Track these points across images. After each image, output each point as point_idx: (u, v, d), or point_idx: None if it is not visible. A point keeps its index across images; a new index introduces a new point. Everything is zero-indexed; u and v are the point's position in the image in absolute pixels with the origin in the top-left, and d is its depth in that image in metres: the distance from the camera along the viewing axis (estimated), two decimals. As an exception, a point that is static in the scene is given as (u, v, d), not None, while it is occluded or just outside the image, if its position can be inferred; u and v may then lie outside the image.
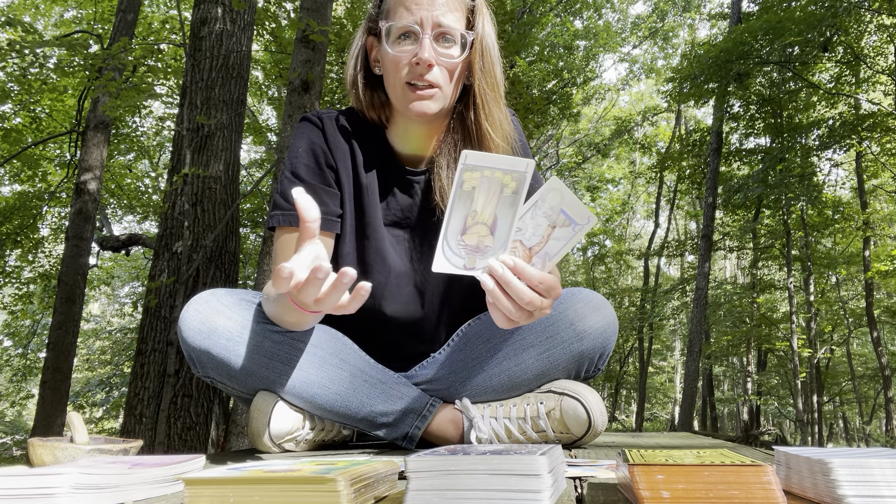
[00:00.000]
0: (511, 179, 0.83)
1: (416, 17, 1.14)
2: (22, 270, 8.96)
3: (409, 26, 1.15)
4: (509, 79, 6.02)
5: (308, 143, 1.28)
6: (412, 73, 1.16)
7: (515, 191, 0.83)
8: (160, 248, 4.14)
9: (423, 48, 1.14)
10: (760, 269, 12.64)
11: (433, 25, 1.15)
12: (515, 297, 0.88)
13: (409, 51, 1.16)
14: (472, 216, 0.85)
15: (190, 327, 1.18)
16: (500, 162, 0.83)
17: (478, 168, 0.83)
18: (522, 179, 0.83)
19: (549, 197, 0.87)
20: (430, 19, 1.14)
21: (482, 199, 0.84)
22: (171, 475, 0.76)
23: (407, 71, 1.16)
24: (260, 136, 9.85)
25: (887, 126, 9.10)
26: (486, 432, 1.22)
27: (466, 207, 0.85)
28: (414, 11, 1.15)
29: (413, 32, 1.16)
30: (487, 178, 0.83)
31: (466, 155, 0.82)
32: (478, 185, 0.83)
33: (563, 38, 12.66)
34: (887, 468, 0.57)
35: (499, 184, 0.83)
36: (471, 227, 0.85)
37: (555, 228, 0.88)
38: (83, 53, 4.73)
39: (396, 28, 1.16)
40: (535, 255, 0.88)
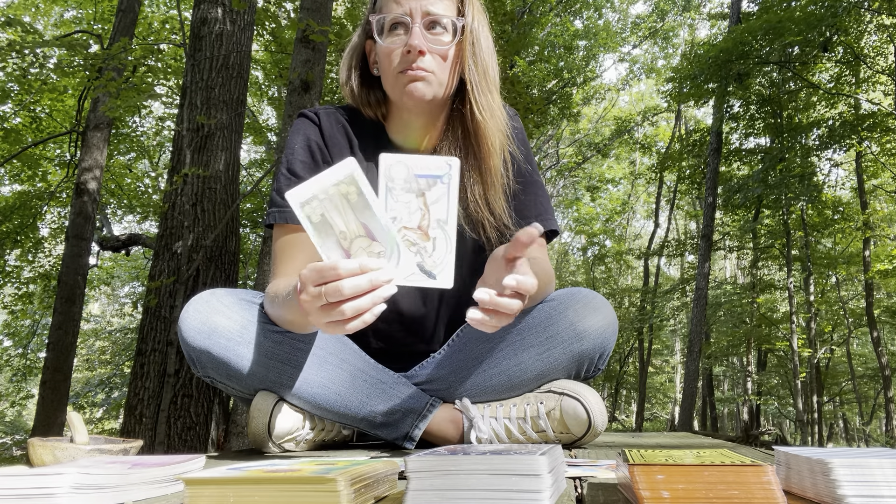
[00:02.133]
0: (346, 185, 0.80)
1: (405, 7, 1.16)
2: (22, 270, 8.96)
3: (399, 17, 1.17)
4: (509, 79, 6.01)
5: (304, 139, 1.28)
6: (404, 62, 1.17)
7: (358, 192, 0.80)
8: (160, 248, 4.14)
9: (412, 36, 1.15)
10: (760, 269, 12.64)
11: (422, 14, 1.16)
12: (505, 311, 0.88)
13: (401, 41, 1.17)
14: (342, 238, 0.82)
15: (190, 327, 1.18)
16: (325, 179, 0.80)
17: (311, 198, 0.80)
18: (354, 178, 0.80)
19: (394, 174, 0.84)
20: (419, 8, 1.16)
21: (339, 219, 0.81)
22: (171, 475, 0.76)
23: (399, 60, 1.17)
24: (260, 136, 9.85)
25: (887, 126, 9.10)
26: (486, 432, 1.22)
27: (332, 236, 0.82)
28: (403, 3, 1.16)
29: (403, 23, 1.17)
30: (325, 199, 0.80)
31: (293, 194, 0.80)
32: (323, 210, 0.81)
33: (563, 38, 12.66)
34: (887, 468, 0.57)
35: (339, 197, 0.80)
36: (349, 247, 0.83)
37: (425, 194, 0.84)
38: (83, 53, 4.73)
39: (387, 20, 1.18)
40: (429, 227, 0.85)
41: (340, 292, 0.80)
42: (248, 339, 1.19)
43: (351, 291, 0.80)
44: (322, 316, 0.83)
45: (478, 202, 1.25)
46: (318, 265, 0.82)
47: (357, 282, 0.80)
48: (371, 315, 0.83)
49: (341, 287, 0.80)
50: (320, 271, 0.81)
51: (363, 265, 0.80)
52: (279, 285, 1.10)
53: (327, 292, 0.81)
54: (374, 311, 0.83)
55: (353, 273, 0.80)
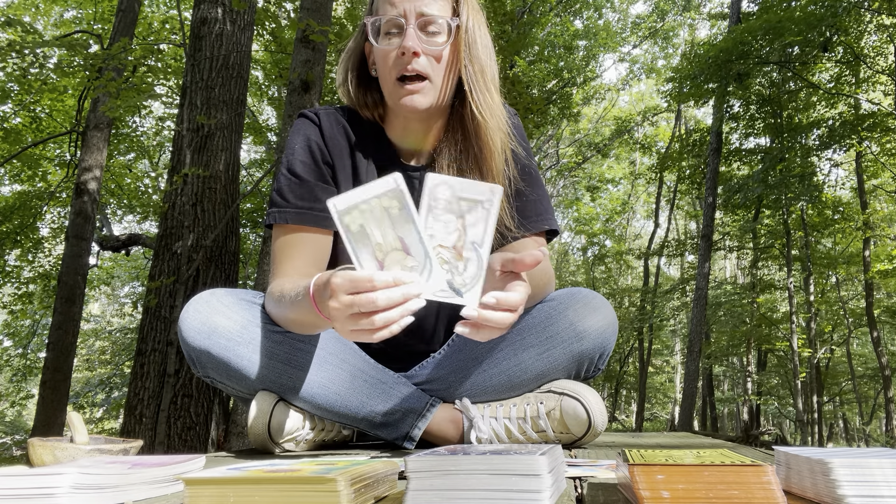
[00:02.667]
0: (389, 199, 0.80)
1: (399, 9, 1.16)
2: (22, 270, 8.96)
3: (394, 19, 1.17)
4: (509, 79, 6.01)
5: (304, 140, 1.28)
6: (400, 65, 1.17)
7: (401, 206, 0.81)
8: (160, 248, 4.14)
9: (406, 37, 1.15)
10: (760, 269, 12.64)
11: (417, 15, 1.16)
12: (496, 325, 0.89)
13: (396, 43, 1.17)
14: (378, 249, 0.83)
15: (190, 327, 1.18)
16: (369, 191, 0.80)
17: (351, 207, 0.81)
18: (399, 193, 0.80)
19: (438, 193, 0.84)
20: (412, 10, 1.16)
21: (377, 231, 0.82)
22: (171, 475, 0.76)
23: (395, 63, 1.17)
24: (260, 136, 9.86)
25: (887, 126, 9.10)
26: (486, 432, 1.22)
27: (368, 246, 0.82)
28: (397, 5, 1.16)
29: (398, 25, 1.17)
30: (367, 210, 0.81)
31: (334, 203, 0.80)
32: (363, 221, 0.81)
33: (563, 38, 12.66)
34: (887, 468, 0.57)
35: (380, 209, 0.81)
36: (384, 259, 0.83)
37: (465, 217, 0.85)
38: (83, 53, 4.73)
39: (383, 23, 1.18)
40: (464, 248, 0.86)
41: (374, 303, 0.80)
42: (248, 339, 1.19)
43: (385, 303, 0.81)
44: (350, 324, 0.84)
45: None
46: (352, 274, 0.82)
47: (391, 294, 0.81)
48: (398, 326, 0.84)
49: (375, 298, 0.80)
50: (354, 281, 0.81)
51: (397, 278, 0.81)
52: (284, 286, 1.10)
53: (360, 302, 0.81)
54: (401, 323, 0.84)
55: (388, 285, 0.81)
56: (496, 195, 0.84)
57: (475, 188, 0.84)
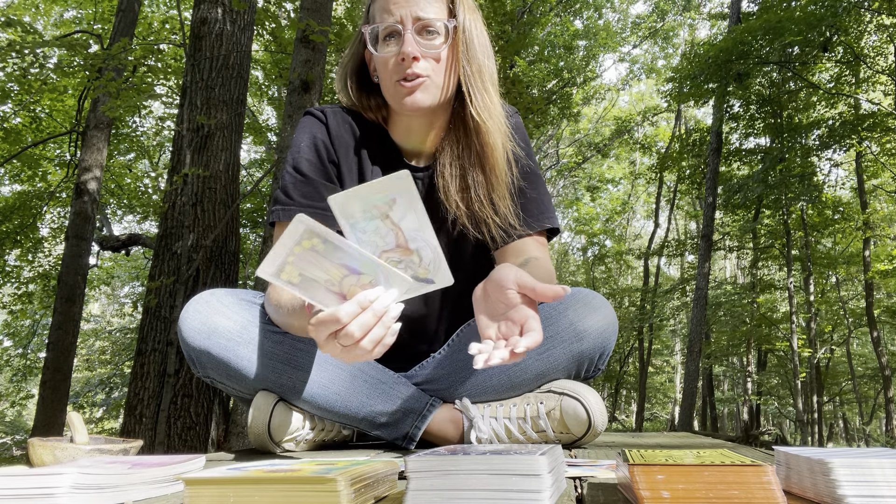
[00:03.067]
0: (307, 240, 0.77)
1: (396, 16, 1.17)
2: (21, 270, 8.97)
3: (391, 26, 1.17)
4: (510, 79, 6.01)
5: (310, 138, 1.28)
6: (401, 70, 1.17)
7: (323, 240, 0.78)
8: (160, 248, 4.14)
9: (405, 43, 1.15)
10: (760, 269, 12.64)
11: (413, 20, 1.16)
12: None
13: (395, 49, 1.18)
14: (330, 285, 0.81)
15: (190, 327, 1.18)
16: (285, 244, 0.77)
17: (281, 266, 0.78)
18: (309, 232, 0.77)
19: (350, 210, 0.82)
20: (409, 15, 1.16)
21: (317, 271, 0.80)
22: (171, 475, 0.76)
23: (395, 68, 1.18)
24: (260, 136, 9.86)
25: (887, 126, 9.10)
26: (486, 432, 1.22)
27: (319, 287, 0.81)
28: (394, 11, 1.17)
29: (396, 31, 1.17)
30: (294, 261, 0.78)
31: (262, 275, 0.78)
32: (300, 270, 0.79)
33: (563, 38, 12.66)
34: (887, 468, 0.57)
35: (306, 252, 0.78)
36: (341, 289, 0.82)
37: (390, 216, 0.83)
38: (83, 53, 4.73)
39: (380, 30, 1.19)
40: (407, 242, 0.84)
41: (352, 336, 0.81)
42: (248, 339, 1.19)
43: (361, 331, 0.81)
44: (346, 355, 0.85)
45: (482, 201, 1.25)
46: (320, 318, 0.82)
47: (363, 319, 0.81)
48: (391, 337, 0.85)
49: (351, 332, 0.81)
50: (324, 324, 0.82)
51: (361, 302, 0.81)
52: (281, 295, 1.10)
53: (340, 340, 0.82)
54: (392, 332, 0.85)
55: (355, 314, 0.81)
56: (404, 181, 0.81)
57: (381, 186, 0.82)
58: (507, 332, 0.92)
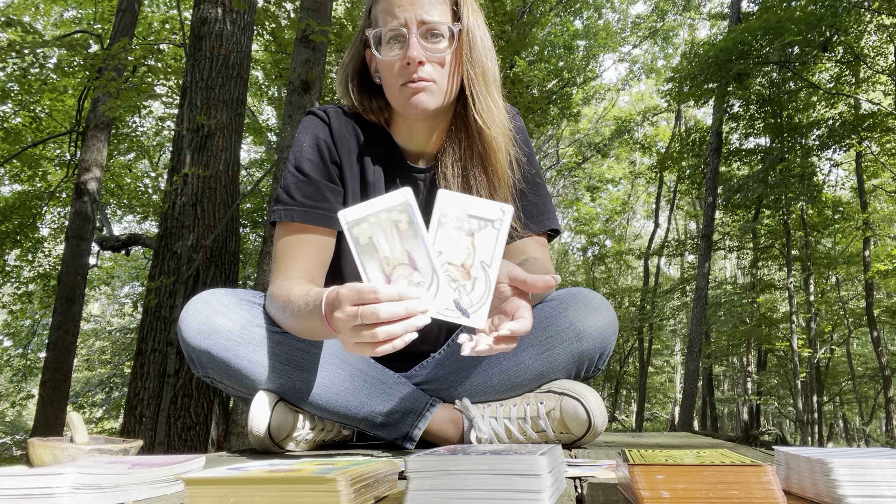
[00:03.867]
0: (399, 213, 0.81)
1: (400, 19, 1.16)
2: (21, 270, 8.97)
3: (395, 29, 1.16)
4: (510, 79, 6.01)
5: (313, 138, 1.28)
6: (405, 74, 1.17)
7: (409, 221, 0.81)
8: (160, 248, 4.14)
9: (410, 47, 1.15)
10: (760, 269, 12.63)
11: (418, 24, 1.16)
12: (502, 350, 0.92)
13: (399, 53, 1.17)
14: (386, 263, 0.83)
15: (190, 327, 1.18)
16: (379, 203, 0.81)
17: (361, 220, 0.81)
18: (408, 207, 0.80)
19: (448, 210, 0.84)
20: (413, 19, 1.15)
21: (385, 244, 0.82)
22: (171, 475, 0.76)
23: (400, 72, 1.17)
24: (260, 136, 9.86)
25: (887, 126, 9.10)
26: (486, 432, 1.22)
27: (375, 259, 0.82)
28: (398, 14, 1.16)
29: (401, 35, 1.17)
30: (375, 223, 0.81)
31: (345, 214, 0.81)
32: (372, 233, 0.81)
33: (563, 38, 12.66)
34: (887, 468, 0.57)
35: (390, 223, 0.81)
36: (391, 273, 0.83)
37: (475, 235, 0.85)
38: (83, 53, 4.73)
39: (385, 34, 1.18)
40: (472, 267, 0.86)
41: (376, 315, 0.80)
42: (248, 339, 1.19)
43: (387, 316, 0.80)
44: (353, 336, 0.84)
45: None
46: (358, 286, 0.82)
47: (394, 308, 0.80)
48: (401, 342, 0.84)
49: (378, 310, 0.80)
50: (360, 292, 0.81)
51: (402, 292, 0.81)
52: (292, 292, 1.09)
53: (363, 314, 0.81)
54: (404, 339, 0.83)
55: (392, 298, 0.80)
56: (507, 214, 0.84)
57: (486, 207, 0.84)
58: (499, 323, 0.92)
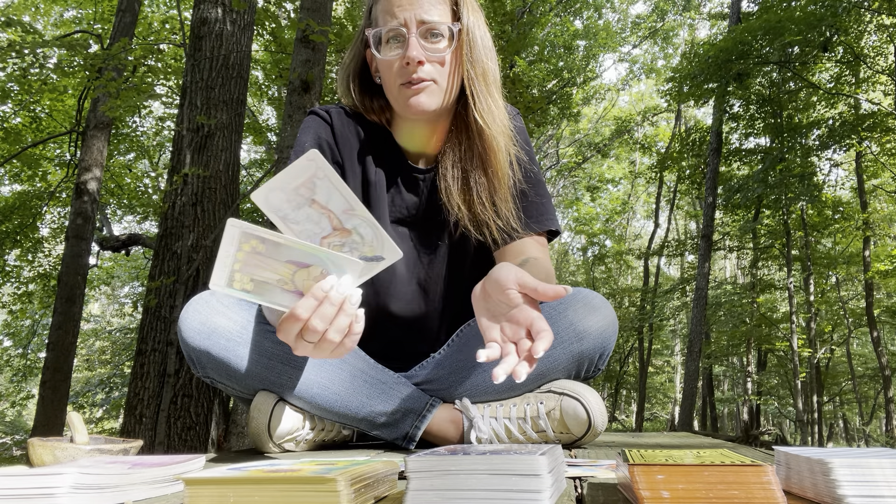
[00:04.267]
0: (248, 244, 0.77)
1: (400, 19, 1.16)
2: (21, 270, 8.97)
3: (395, 29, 1.16)
4: (510, 79, 6.01)
5: (315, 138, 1.28)
6: (405, 74, 1.17)
7: (262, 240, 0.77)
8: (160, 248, 4.14)
9: (409, 47, 1.15)
10: (760, 269, 12.63)
11: (418, 24, 1.15)
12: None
13: (399, 53, 1.17)
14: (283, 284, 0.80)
15: (190, 327, 1.18)
16: (225, 253, 0.77)
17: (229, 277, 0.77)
18: (246, 234, 0.76)
19: (274, 203, 0.81)
20: (413, 18, 1.15)
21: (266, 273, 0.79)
22: (171, 475, 0.76)
23: (400, 72, 1.17)
24: (260, 136, 9.85)
25: (887, 126, 9.10)
26: (486, 432, 1.22)
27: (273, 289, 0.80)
28: (398, 14, 1.16)
29: (400, 35, 1.17)
30: (240, 268, 0.78)
31: (214, 289, 0.78)
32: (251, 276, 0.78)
33: (563, 38, 12.66)
34: (887, 468, 0.57)
35: (250, 256, 0.77)
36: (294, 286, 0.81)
37: (315, 199, 0.82)
38: (83, 53, 4.73)
39: (384, 34, 1.18)
40: (342, 223, 0.83)
41: (316, 331, 0.80)
42: (248, 339, 1.19)
43: (324, 323, 0.80)
44: (320, 352, 0.84)
45: (484, 204, 1.25)
46: (281, 321, 0.82)
47: (322, 311, 0.80)
48: (359, 325, 0.84)
49: (313, 326, 0.80)
50: (286, 326, 0.82)
51: (316, 294, 0.80)
52: None
53: (305, 336, 0.81)
54: (357, 319, 0.83)
55: (313, 308, 0.80)
56: (316, 161, 0.80)
57: (295, 171, 0.81)
58: (513, 334, 0.91)
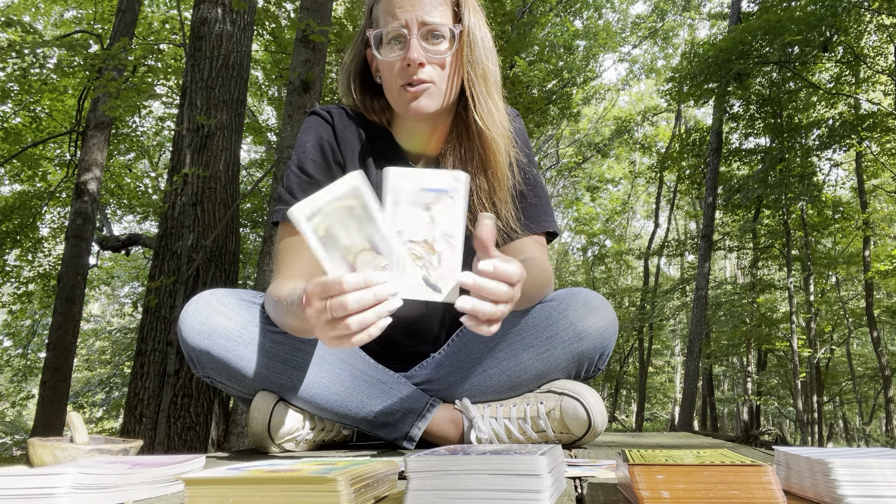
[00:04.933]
0: (351, 199, 0.79)
1: (401, 20, 1.16)
2: (21, 270, 8.97)
3: (396, 30, 1.16)
4: (510, 79, 6.01)
5: (316, 139, 1.28)
6: (406, 75, 1.17)
7: (363, 205, 0.79)
8: (160, 248, 4.14)
9: (410, 49, 1.15)
10: (760, 269, 12.63)
11: (419, 25, 1.15)
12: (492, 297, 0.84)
13: (400, 54, 1.17)
14: (347, 252, 0.81)
15: (190, 327, 1.18)
16: (330, 193, 0.79)
17: (314, 213, 0.79)
18: (358, 192, 0.78)
19: (401, 187, 0.82)
20: (414, 20, 1.15)
21: (343, 233, 0.80)
22: (171, 475, 0.76)
23: (400, 73, 1.17)
24: (260, 136, 9.85)
25: (887, 126, 9.10)
26: (486, 432, 1.22)
27: (336, 250, 0.80)
28: (399, 15, 1.16)
29: (401, 36, 1.17)
30: (329, 213, 0.79)
31: (295, 210, 0.79)
32: (328, 224, 0.79)
33: (563, 38, 12.65)
34: (887, 468, 0.57)
35: (344, 210, 0.79)
36: (355, 261, 0.81)
37: (432, 209, 0.83)
38: (83, 53, 4.73)
39: (385, 34, 1.18)
40: (435, 241, 0.83)
41: (345, 307, 0.79)
42: (248, 339, 1.19)
43: (356, 306, 0.79)
44: (327, 330, 0.82)
45: (484, 205, 1.25)
46: (322, 280, 0.81)
47: (362, 296, 0.79)
48: (377, 329, 0.82)
49: (346, 302, 0.79)
50: (325, 286, 0.80)
51: (367, 279, 0.79)
52: (281, 289, 1.09)
53: (332, 307, 0.80)
54: (379, 325, 0.82)
55: (358, 287, 0.79)
56: (461, 182, 0.82)
57: (439, 177, 0.82)
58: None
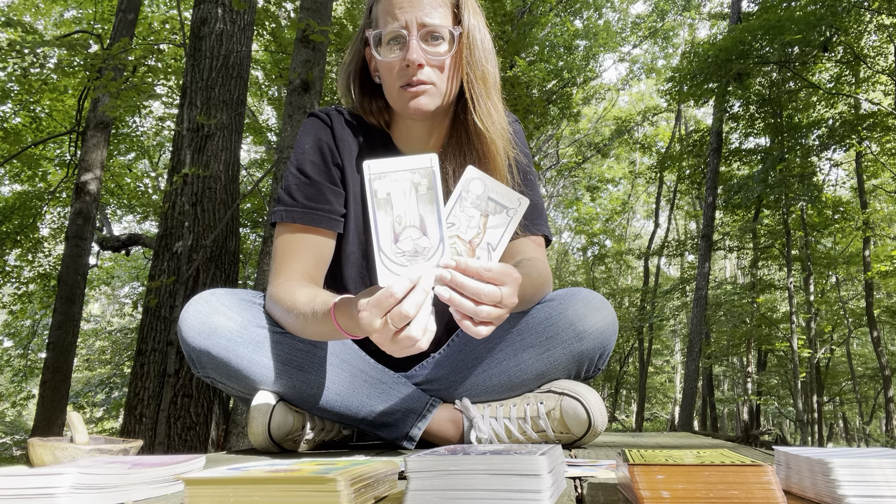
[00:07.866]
0: (421, 176, 0.82)
1: (401, 21, 1.15)
2: (21, 270, 8.96)
3: (396, 31, 1.16)
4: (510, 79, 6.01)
5: (315, 140, 1.28)
6: (405, 76, 1.17)
7: (429, 186, 0.82)
8: (160, 248, 4.14)
9: (410, 50, 1.14)
10: (760, 269, 12.62)
11: (419, 26, 1.15)
12: (473, 296, 0.84)
13: (400, 55, 1.17)
14: (398, 222, 0.83)
15: (190, 327, 1.18)
16: (405, 163, 0.82)
17: (383, 174, 0.82)
18: (431, 174, 0.82)
19: (472, 187, 0.87)
20: (414, 21, 1.15)
21: (401, 203, 0.83)
22: (171, 475, 0.76)
23: (400, 74, 1.17)
24: (260, 136, 9.86)
25: (887, 126, 9.10)
26: (486, 432, 1.22)
27: (389, 215, 0.83)
28: (399, 16, 1.16)
29: (401, 37, 1.16)
30: (396, 181, 0.82)
31: (369, 165, 0.82)
32: (390, 189, 0.83)
33: (563, 38, 12.65)
34: (887, 468, 0.57)
35: (411, 184, 0.83)
36: (401, 232, 0.83)
37: (488, 217, 0.87)
38: (83, 53, 4.73)
39: (385, 35, 1.18)
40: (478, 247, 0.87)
41: (405, 316, 0.79)
42: (248, 339, 1.19)
43: (414, 311, 0.80)
44: (397, 346, 0.83)
45: None
46: (374, 299, 0.81)
47: (415, 298, 0.80)
48: (433, 324, 0.83)
49: (404, 311, 0.79)
50: (378, 303, 0.81)
51: (411, 278, 0.81)
52: (294, 297, 1.09)
53: (393, 319, 0.80)
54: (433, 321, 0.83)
55: (407, 290, 0.80)
56: (522, 206, 0.87)
57: (507, 193, 0.87)
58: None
